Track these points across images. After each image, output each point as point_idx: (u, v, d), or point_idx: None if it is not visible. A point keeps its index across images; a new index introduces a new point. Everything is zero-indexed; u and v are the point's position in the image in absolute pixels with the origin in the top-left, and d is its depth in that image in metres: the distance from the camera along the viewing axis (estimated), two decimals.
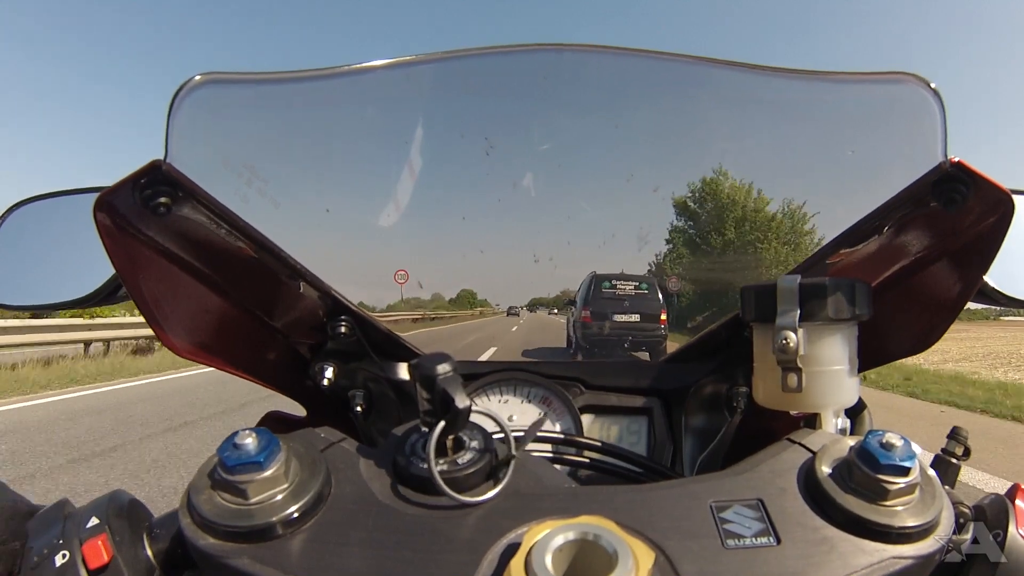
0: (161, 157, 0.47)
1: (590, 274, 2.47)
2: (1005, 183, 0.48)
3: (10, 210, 0.73)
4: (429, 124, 0.73)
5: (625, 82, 0.69)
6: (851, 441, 0.40)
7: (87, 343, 11.34)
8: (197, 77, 0.51)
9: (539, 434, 0.63)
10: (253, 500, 0.36)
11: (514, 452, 0.40)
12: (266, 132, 0.67)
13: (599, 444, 0.63)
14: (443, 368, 0.39)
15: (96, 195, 0.46)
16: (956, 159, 0.48)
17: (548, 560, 0.31)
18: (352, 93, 0.65)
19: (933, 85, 0.52)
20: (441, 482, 0.37)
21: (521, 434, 0.62)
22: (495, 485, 0.38)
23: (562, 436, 0.64)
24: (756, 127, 0.74)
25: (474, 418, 0.41)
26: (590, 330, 2.94)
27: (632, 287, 2.90)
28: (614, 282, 2.82)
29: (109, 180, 0.47)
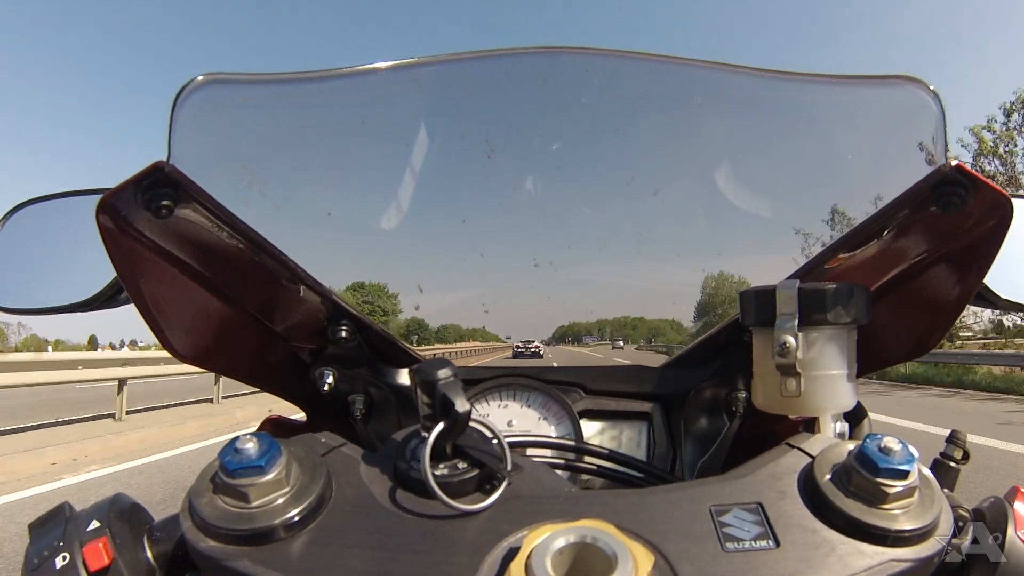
0: (163, 158, 0.47)
1: None
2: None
3: (11, 212, 0.73)
4: (430, 126, 0.73)
5: (625, 85, 0.69)
6: (850, 445, 0.40)
7: None
8: (200, 77, 0.51)
9: (539, 439, 0.63)
10: (254, 504, 0.36)
11: (511, 465, 0.40)
12: (268, 134, 0.67)
13: (599, 449, 0.63)
14: (444, 373, 0.39)
15: (98, 197, 0.45)
16: (956, 162, 0.47)
17: (548, 563, 0.31)
18: (354, 95, 0.64)
19: (933, 88, 0.52)
20: (436, 487, 0.37)
21: (519, 440, 0.62)
22: (493, 492, 0.38)
23: (562, 441, 0.64)
24: (756, 130, 0.74)
25: (474, 425, 0.41)
26: None
27: None
28: None
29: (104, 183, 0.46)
